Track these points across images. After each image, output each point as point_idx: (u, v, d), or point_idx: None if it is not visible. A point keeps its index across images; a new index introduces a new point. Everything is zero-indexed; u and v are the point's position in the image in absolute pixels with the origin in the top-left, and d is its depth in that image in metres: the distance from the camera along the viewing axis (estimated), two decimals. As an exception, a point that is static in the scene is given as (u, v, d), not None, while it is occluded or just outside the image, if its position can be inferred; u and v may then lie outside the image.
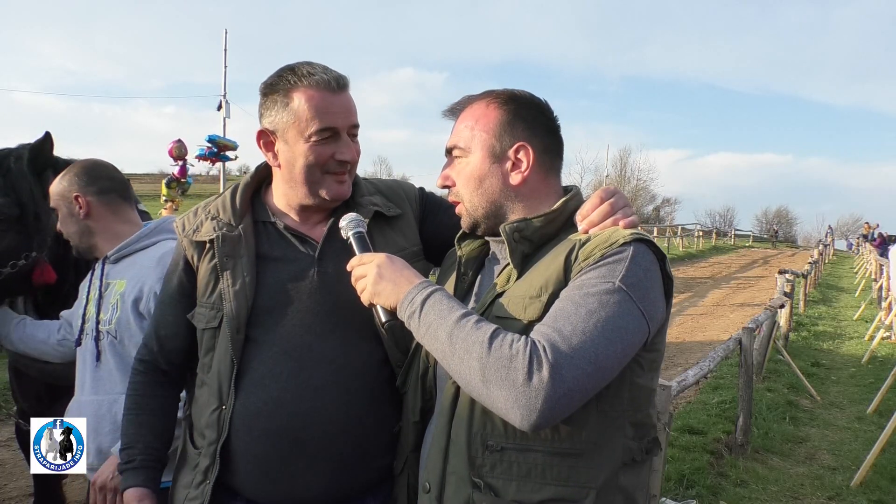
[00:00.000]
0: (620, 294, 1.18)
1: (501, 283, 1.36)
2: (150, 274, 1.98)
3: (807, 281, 14.18)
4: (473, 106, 1.44)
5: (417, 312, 1.26)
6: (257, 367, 1.51)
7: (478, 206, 1.42)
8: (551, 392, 1.10)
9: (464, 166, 1.42)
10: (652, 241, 1.29)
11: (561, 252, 1.29)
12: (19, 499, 3.92)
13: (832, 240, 37.22)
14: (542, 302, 1.25)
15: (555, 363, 1.11)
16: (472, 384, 1.17)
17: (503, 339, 1.16)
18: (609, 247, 1.23)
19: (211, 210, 1.62)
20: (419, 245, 1.68)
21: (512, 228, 1.34)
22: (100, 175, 2.09)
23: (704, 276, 19.54)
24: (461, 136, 1.42)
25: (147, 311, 1.96)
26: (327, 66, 1.54)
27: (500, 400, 1.13)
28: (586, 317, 1.15)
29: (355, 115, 1.57)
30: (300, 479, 1.51)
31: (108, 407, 1.97)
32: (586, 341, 1.13)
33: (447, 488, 1.31)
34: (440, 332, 1.21)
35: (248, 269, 1.53)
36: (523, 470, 1.24)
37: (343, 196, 1.59)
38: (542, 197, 1.42)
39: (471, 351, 1.16)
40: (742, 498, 4.38)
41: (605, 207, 1.34)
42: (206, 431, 1.55)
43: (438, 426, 1.36)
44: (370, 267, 1.36)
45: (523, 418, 1.12)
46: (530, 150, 1.39)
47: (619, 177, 54.79)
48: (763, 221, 72.39)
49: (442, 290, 1.30)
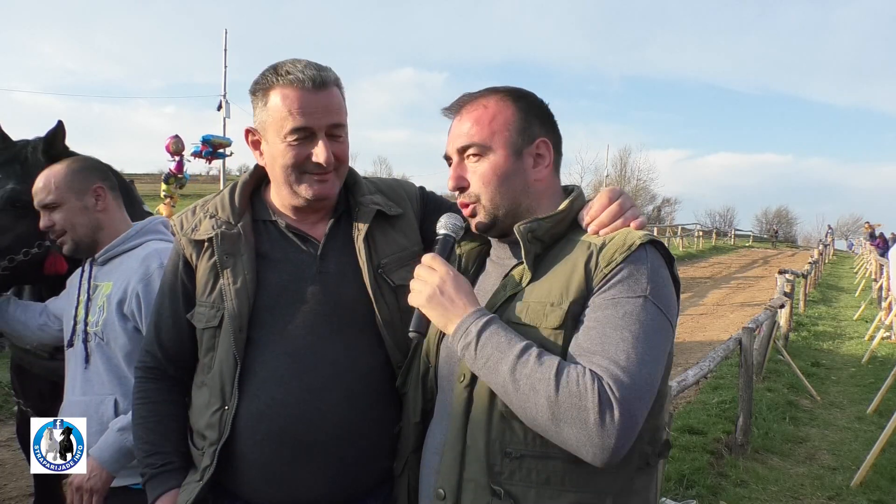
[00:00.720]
0: (653, 308, 1.21)
1: (514, 284, 1.34)
2: (133, 276, 1.97)
3: (807, 281, 14.18)
4: (483, 102, 1.39)
5: (473, 344, 1.24)
6: (259, 368, 1.50)
7: (500, 204, 1.38)
8: (623, 430, 1.12)
9: (482, 165, 1.38)
10: (661, 242, 1.30)
11: (579, 258, 1.28)
12: (19, 499, 3.92)
13: (832, 240, 37.20)
14: (562, 310, 1.25)
15: (623, 400, 1.13)
16: (540, 422, 1.17)
17: (568, 376, 1.15)
18: (627, 249, 1.24)
19: (209, 208, 1.61)
20: (420, 245, 1.67)
21: (526, 229, 1.33)
22: (111, 171, 2.12)
23: (704, 276, 19.53)
24: (477, 135, 1.37)
25: (130, 313, 1.94)
26: (312, 64, 1.49)
27: (572, 438, 1.15)
28: (634, 342, 1.17)
29: (336, 114, 1.51)
30: (301, 481, 1.50)
31: (95, 408, 1.96)
32: (643, 370, 1.16)
33: (464, 495, 1.29)
34: (501, 367, 1.20)
35: (248, 267, 1.52)
36: (542, 477, 1.24)
37: (326, 196, 1.55)
38: (550, 195, 1.42)
39: (537, 389, 1.16)
40: (742, 498, 4.38)
41: (614, 208, 1.34)
42: (206, 432, 1.53)
43: (452, 431, 1.33)
44: (435, 277, 1.32)
45: (595, 456, 1.14)
46: (550, 146, 1.40)
47: (619, 177, 54.75)
48: (763, 221, 72.44)
49: (496, 319, 1.27)
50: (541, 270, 1.33)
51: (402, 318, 1.56)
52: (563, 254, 1.32)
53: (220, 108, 22.82)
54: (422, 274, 1.35)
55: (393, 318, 1.57)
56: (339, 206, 1.64)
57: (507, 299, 1.33)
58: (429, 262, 1.36)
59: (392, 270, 1.59)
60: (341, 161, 1.55)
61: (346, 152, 1.55)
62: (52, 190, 2.03)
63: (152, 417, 1.62)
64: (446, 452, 1.33)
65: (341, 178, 1.58)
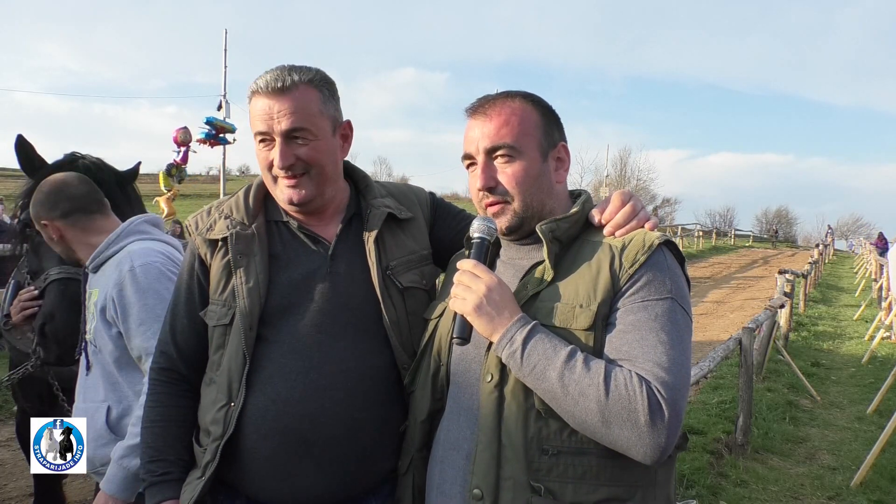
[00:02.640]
0: (679, 309, 1.29)
1: (535, 283, 1.37)
2: (109, 280, 1.98)
3: (807, 281, 14.19)
4: (510, 104, 1.42)
5: (519, 352, 1.28)
6: (266, 365, 1.51)
7: (529, 205, 1.41)
8: (672, 429, 1.19)
9: (514, 167, 1.40)
10: (675, 243, 1.37)
11: (602, 260, 1.33)
12: (19, 499, 3.92)
13: (832, 240, 37.20)
14: (592, 311, 1.29)
15: (671, 401, 1.19)
16: (590, 425, 1.22)
17: (616, 381, 1.21)
18: (648, 249, 1.31)
19: (224, 209, 1.63)
20: (429, 249, 1.69)
21: (548, 228, 1.37)
22: (59, 198, 2.08)
23: (704, 276, 19.53)
24: (509, 136, 1.39)
25: (111, 318, 1.95)
26: (283, 68, 1.52)
27: (623, 439, 1.20)
28: (670, 344, 1.24)
29: (296, 118, 1.49)
30: (304, 479, 1.51)
31: (91, 415, 1.98)
32: (682, 370, 1.23)
33: (503, 494, 1.30)
34: (549, 374, 1.24)
35: (261, 268, 1.54)
36: (579, 472, 1.27)
37: (300, 201, 1.55)
38: (563, 197, 1.47)
39: (587, 394, 1.21)
40: (742, 498, 4.38)
41: (628, 210, 1.39)
42: (211, 428, 1.54)
43: (484, 431, 1.34)
44: (480, 284, 1.34)
45: (647, 455, 1.20)
46: (568, 151, 1.46)
47: (619, 177, 54.67)
48: (763, 221, 72.34)
49: (540, 327, 1.30)
50: (561, 269, 1.37)
51: (409, 320, 1.60)
52: (583, 254, 1.37)
53: (219, 108, 22.80)
54: (465, 280, 1.36)
55: (399, 319, 1.58)
56: (351, 208, 1.66)
57: (530, 297, 1.36)
58: (471, 268, 1.37)
59: (400, 273, 1.61)
60: (310, 163, 1.53)
61: (314, 155, 1.53)
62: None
63: (160, 422, 1.63)
64: (480, 452, 1.34)
65: (318, 182, 1.56)
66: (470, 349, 1.40)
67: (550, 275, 1.36)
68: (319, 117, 1.53)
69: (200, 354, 1.63)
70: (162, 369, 1.65)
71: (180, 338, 1.63)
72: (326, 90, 1.55)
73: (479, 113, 1.43)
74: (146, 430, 1.63)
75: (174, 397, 1.64)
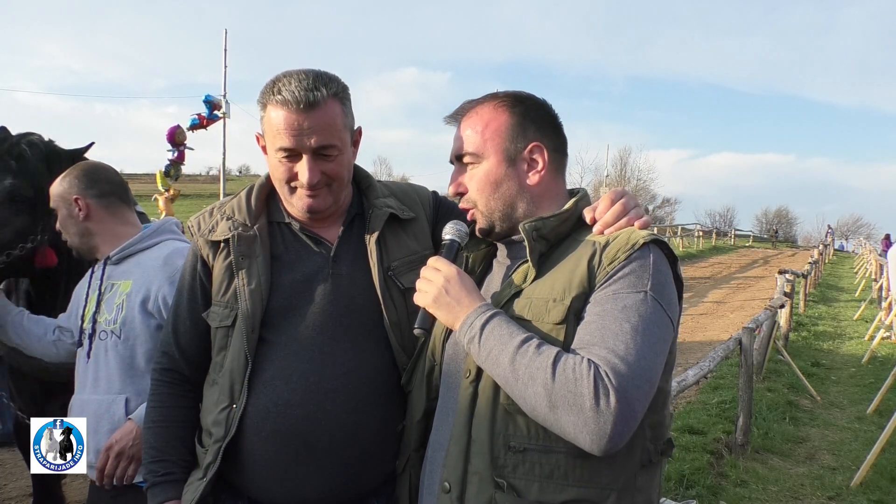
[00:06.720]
0: (653, 304, 1.22)
1: (518, 281, 1.36)
2: (157, 274, 1.99)
3: (807, 281, 14.18)
4: (478, 110, 1.44)
5: (477, 337, 1.27)
6: (268, 366, 1.52)
7: (494, 209, 1.42)
8: (619, 417, 1.12)
9: (477, 172, 1.42)
10: (666, 242, 1.32)
11: (582, 256, 1.31)
12: (19, 499, 3.92)
13: (832, 240, 37.21)
14: (564, 305, 1.26)
15: (619, 388, 1.13)
16: (539, 410, 1.18)
17: (565, 364, 1.17)
18: (630, 248, 1.26)
19: (226, 210, 1.63)
20: (431, 249, 1.68)
21: (531, 227, 1.35)
22: (99, 178, 2.11)
23: (704, 276, 19.52)
24: (471, 143, 1.42)
25: (156, 311, 1.96)
26: (306, 81, 1.46)
27: (569, 425, 1.15)
28: (633, 333, 1.18)
29: (325, 134, 1.48)
30: (306, 480, 1.51)
31: (107, 407, 1.97)
32: (641, 361, 1.16)
33: (469, 488, 1.30)
34: (502, 359, 1.22)
35: (263, 269, 1.54)
36: (546, 471, 1.25)
37: (318, 210, 1.56)
38: (553, 196, 1.44)
39: (535, 377, 1.18)
40: (742, 498, 4.38)
41: (617, 207, 1.37)
42: (213, 429, 1.54)
43: (457, 426, 1.35)
44: (439, 276, 1.35)
45: (593, 442, 1.14)
46: (544, 150, 1.41)
47: (620, 177, 54.68)
48: (763, 221, 72.36)
49: (501, 314, 1.29)
50: (545, 268, 1.35)
51: (410, 321, 1.58)
52: (568, 252, 1.35)
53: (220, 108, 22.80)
54: (427, 274, 1.38)
55: (401, 320, 1.59)
56: (353, 208, 1.66)
57: (511, 296, 1.35)
58: (433, 263, 1.39)
59: (402, 273, 1.61)
60: (333, 178, 1.54)
61: (338, 169, 1.54)
62: (50, 199, 2.13)
63: (162, 422, 1.63)
64: (451, 446, 1.35)
65: (336, 192, 1.58)
66: (459, 348, 1.39)
67: (533, 273, 1.35)
68: (343, 131, 1.53)
69: (203, 355, 1.63)
70: (164, 370, 1.66)
71: (183, 339, 1.64)
72: (347, 101, 1.55)
73: (453, 120, 1.48)
74: (148, 431, 1.64)
75: (176, 398, 1.65)
